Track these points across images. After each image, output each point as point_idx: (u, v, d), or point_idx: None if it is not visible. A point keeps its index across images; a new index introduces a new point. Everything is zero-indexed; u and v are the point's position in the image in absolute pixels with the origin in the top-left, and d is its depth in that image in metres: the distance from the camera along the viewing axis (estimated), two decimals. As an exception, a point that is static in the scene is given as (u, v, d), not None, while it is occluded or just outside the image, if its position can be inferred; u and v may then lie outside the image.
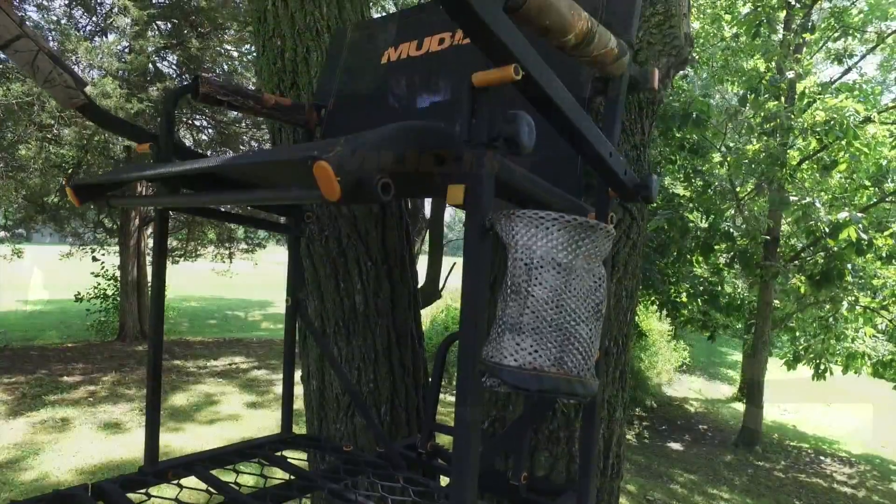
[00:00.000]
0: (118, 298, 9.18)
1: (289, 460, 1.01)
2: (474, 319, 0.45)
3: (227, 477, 0.95)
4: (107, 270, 9.68)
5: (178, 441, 4.62)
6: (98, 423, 4.90)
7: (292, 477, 0.95)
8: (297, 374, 1.45)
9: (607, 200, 0.71)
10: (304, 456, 1.25)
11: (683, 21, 1.19)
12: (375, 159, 0.43)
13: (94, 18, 7.58)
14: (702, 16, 10.72)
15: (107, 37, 7.40)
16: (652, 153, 8.24)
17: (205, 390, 6.24)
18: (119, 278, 9.04)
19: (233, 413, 5.55)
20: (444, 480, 1.15)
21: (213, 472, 0.94)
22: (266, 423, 5.28)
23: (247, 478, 0.97)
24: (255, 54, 8.85)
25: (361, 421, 1.30)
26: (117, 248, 9.26)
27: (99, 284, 9.60)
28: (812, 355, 7.83)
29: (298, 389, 1.53)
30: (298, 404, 1.65)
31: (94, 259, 9.56)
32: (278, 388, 6.61)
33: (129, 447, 4.40)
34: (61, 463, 3.98)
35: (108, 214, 9.47)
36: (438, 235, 8.35)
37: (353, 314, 1.30)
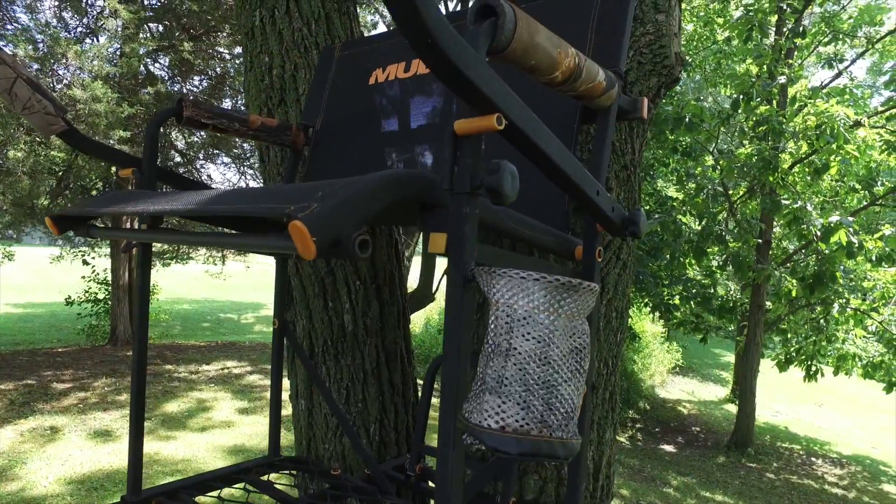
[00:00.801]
0: (109, 302, 9.11)
1: (275, 486, 1.00)
2: (456, 376, 0.44)
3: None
4: (98, 274, 9.61)
5: (170, 450, 4.58)
6: (88, 430, 4.85)
7: (278, 503, 0.93)
8: (286, 393, 1.44)
9: (596, 235, 0.70)
10: (291, 480, 1.24)
11: (674, 41, 1.19)
12: (355, 216, 0.42)
13: (84, 20, 7.52)
14: (695, 19, 10.79)
15: (97, 39, 7.35)
16: (645, 156, 8.30)
17: (197, 396, 6.19)
18: (110, 282, 8.97)
19: (225, 420, 5.52)
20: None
21: (199, 498, 0.93)
22: (258, 429, 5.25)
23: (232, 505, 0.96)
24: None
25: (350, 442, 1.29)
26: (108, 251, 9.19)
27: (90, 288, 9.53)
28: (803, 357, 7.89)
29: (287, 408, 1.51)
30: (287, 417, 1.63)
31: (85, 263, 9.48)
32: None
33: (119, 455, 4.35)
34: (49, 472, 3.94)
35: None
36: (432, 238, 8.32)
37: (341, 334, 1.29)
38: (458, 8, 11.29)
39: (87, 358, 7.67)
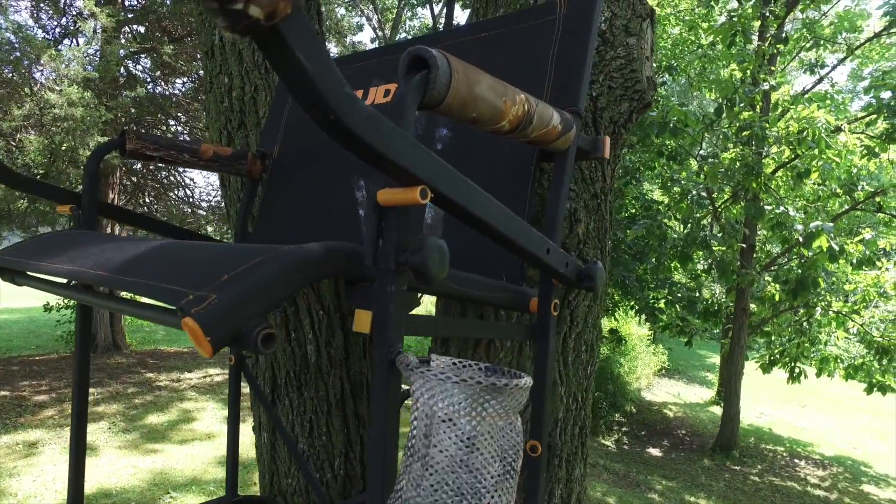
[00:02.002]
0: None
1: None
2: (380, 475, 0.40)
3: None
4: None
5: (152, 464, 4.49)
6: (65, 443, 4.75)
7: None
8: (250, 426, 1.39)
9: (551, 288, 0.66)
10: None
11: (646, 64, 1.15)
12: (257, 307, 0.38)
13: (63, 21, 7.37)
14: (680, 23, 10.86)
15: (77, 42, 7.21)
16: (631, 159, 8.33)
17: (180, 406, 6.09)
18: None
19: (209, 431, 5.43)
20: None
21: None
22: (243, 439, 5.15)
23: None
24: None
25: (315, 475, 1.25)
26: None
27: (69, 294, 9.35)
28: (787, 359, 7.97)
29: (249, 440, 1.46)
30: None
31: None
32: (253, 402, 6.51)
33: (98, 471, 4.26)
34: (20, 488, 3.84)
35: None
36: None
37: (304, 365, 1.24)
38: (444, 13, 11.25)
39: (66, 367, 7.52)
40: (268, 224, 1.07)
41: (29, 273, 0.71)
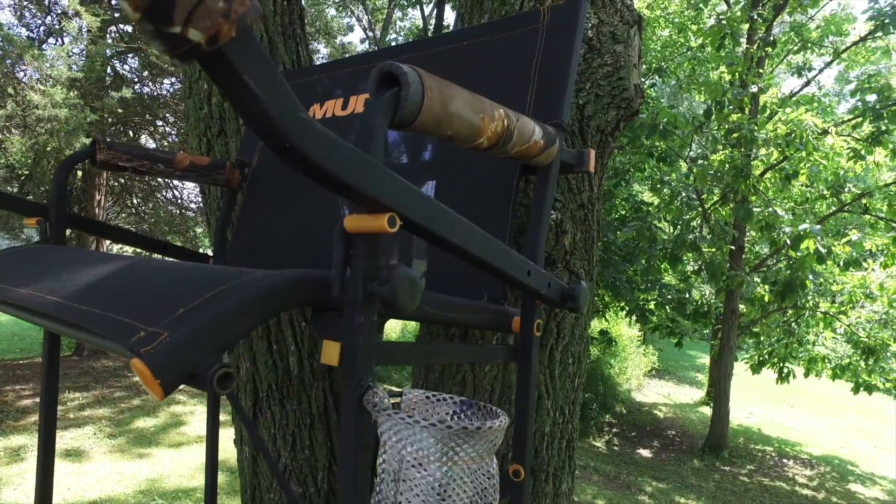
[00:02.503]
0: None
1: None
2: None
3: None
4: (63, 282, 9.32)
5: (139, 470, 4.43)
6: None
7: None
8: (231, 440, 1.36)
9: (533, 308, 0.64)
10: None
11: (633, 72, 1.14)
12: (212, 345, 0.36)
13: (47, 20, 7.27)
14: (670, 25, 10.92)
15: (61, 41, 7.11)
16: (621, 160, 8.36)
17: (168, 410, 6.02)
18: (76, 290, 8.70)
19: (199, 435, 5.36)
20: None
21: None
22: (230, 444, 5.12)
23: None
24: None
25: (297, 490, 1.22)
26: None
27: (54, 297, 9.24)
28: (776, 359, 8.03)
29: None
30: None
31: None
32: (242, 406, 6.44)
33: (85, 478, 4.19)
34: (1, 496, 3.77)
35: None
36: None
37: (286, 377, 1.21)
38: (434, 18, 11.23)
39: (51, 370, 7.41)
40: (246, 235, 1.04)
41: None
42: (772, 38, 7.51)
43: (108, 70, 7.31)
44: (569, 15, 0.74)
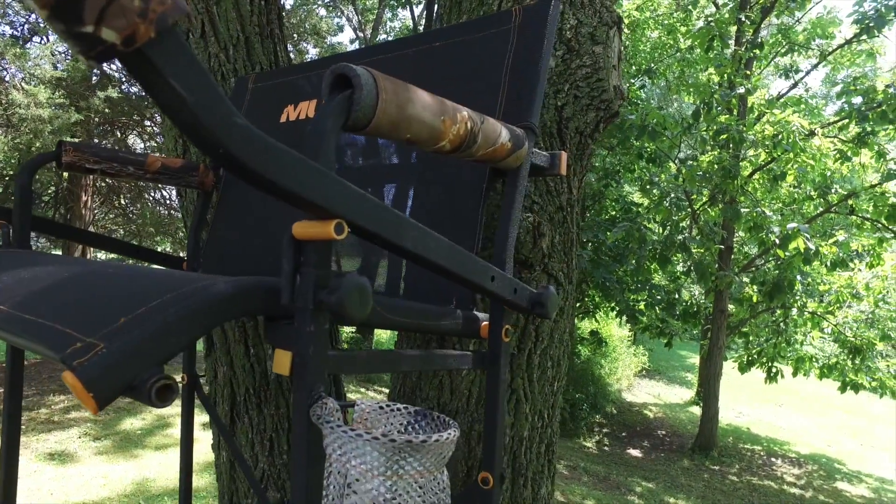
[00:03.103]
0: (61, 313, 8.73)
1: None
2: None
3: None
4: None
5: (125, 473, 4.38)
6: (34, 453, 4.61)
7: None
8: (209, 443, 1.34)
9: (501, 313, 0.63)
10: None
11: (613, 73, 1.13)
12: (150, 358, 0.34)
13: (32, 17, 7.18)
14: (659, 27, 10.98)
15: (45, 39, 7.03)
16: (611, 161, 8.39)
17: (155, 412, 5.96)
18: (62, 292, 8.60)
19: (183, 436, 5.31)
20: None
21: None
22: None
23: None
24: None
25: (274, 495, 1.20)
26: (58, 252, 8.82)
27: (40, 298, 9.12)
28: (764, 359, 8.09)
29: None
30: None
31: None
32: (230, 408, 6.39)
33: (69, 480, 4.14)
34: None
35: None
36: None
37: (264, 381, 1.20)
38: (423, 18, 11.22)
39: (36, 374, 7.32)
40: (219, 239, 1.03)
41: None
42: (759, 41, 7.56)
43: (94, 69, 7.24)
44: (540, 15, 0.73)
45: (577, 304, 8.23)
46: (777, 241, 6.68)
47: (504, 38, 0.75)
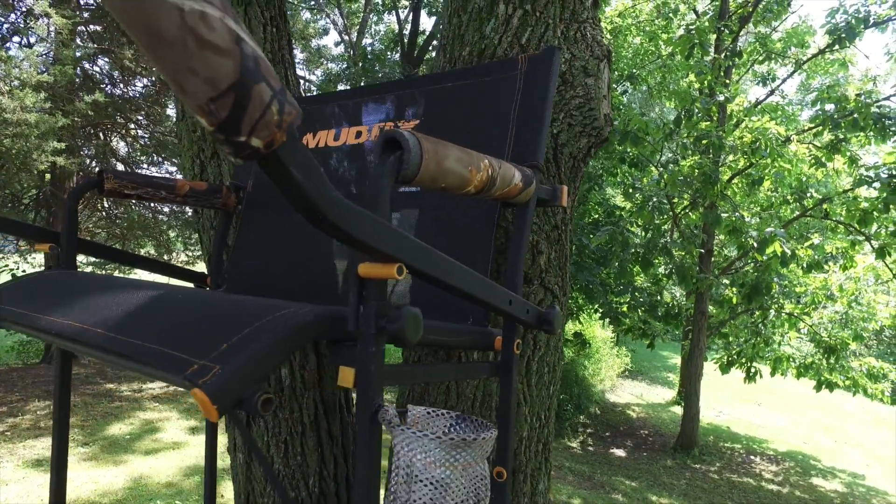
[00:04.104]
0: (44, 318, 8.60)
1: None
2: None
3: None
4: (31, 287, 9.07)
5: (114, 478, 4.38)
6: (19, 460, 4.59)
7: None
8: (223, 447, 1.41)
9: (514, 329, 0.73)
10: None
11: (603, 102, 1.23)
12: (257, 375, 0.43)
13: (10, 17, 7.10)
14: (641, 33, 11.18)
15: (26, 39, 6.96)
16: (594, 165, 8.53)
17: (142, 417, 5.94)
18: (45, 296, 8.48)
19: (175, 441, 5.32)
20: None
21: None
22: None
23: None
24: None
25: (290, 494, 1.28)
26: (42, 261, 8.71)
27: (22, 303, 8.98)
28: (744, 359, 8.26)
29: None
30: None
31: (15, 277, 8.92)
32: (218, 413, 6.38)
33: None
34: (-25, 509, 3.70)
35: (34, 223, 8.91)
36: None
37: (279, 387, 1.27)
38: (408, 23, 11.29)
39: (18, 379, 7.23)
40: (242, 257, 1.10)
41: (7, 321, 0.73)
42: (738, 49, 7.78)
43: (77, 71, 7.19)
44: (544, 64, 0.83)
45: (562, 307, 8.33)
46: (755, 245, 6.85)
47: (511, 84, 0.85)
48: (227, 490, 4.09)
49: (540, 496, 1.19)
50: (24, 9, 7.02)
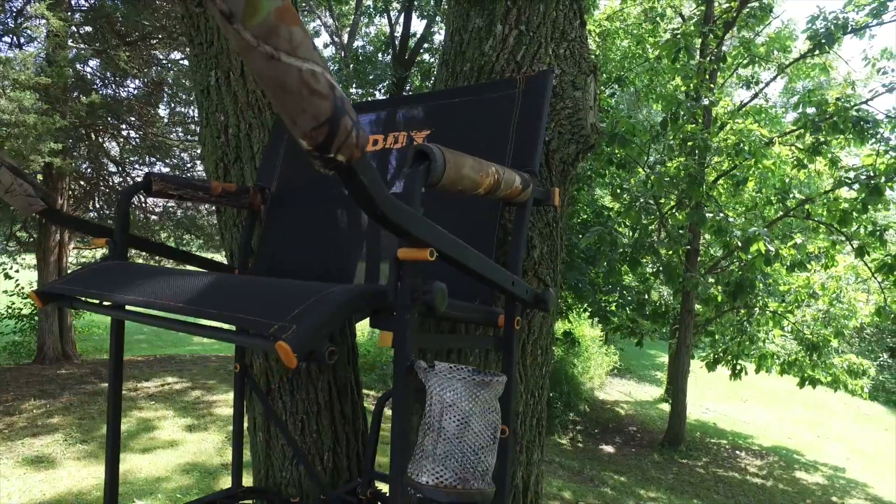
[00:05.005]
0: (36, 318, 8.63)
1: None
2: (402, 446, 0.58)
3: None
4: (22, 288, 9.07)
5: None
6: (17, 458, 4.64)
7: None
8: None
9: (514, 308, 0.86)
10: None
11: (590, 113, 1.37)
12: (324, 333, 0.55)
13: (1, 17, 7.12)
14: (629, 36, 11.37)
15: (15, 39, 6.99)
16: (583, 166, 8.68)
17: (139, 415, 6.00)
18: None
19: (171, 439, 5.39)
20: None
21: None
22: (205, 446, 5.17)
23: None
24: (187, 66, 8.60)
25: (306, 469, 1.40)
26: (34, 263, 8.71)
27: (14, 303, 8.97)
28: (729, 357, 8.45)
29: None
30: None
31: (7, 277, 8.92)
32: (216, 410, 6.46)
33: (55, 484, 4.20)
34: (-22, 504, 3.77)
35: (23, 227, 8.92)
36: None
37: (296, 370, 1.40)
38: (399, 25, 11.38)
39: (12, 379, 7.25)
40: (269, 251, 1.23)
41: (82, 301, 0.85)
42: (723, 53, 7.98)
43: (69, 72, 7.22)
44: (540, 84, 0.97)
45: (552, 305, 8.47)
46: (740, 244, 7.02)
47: (511, 100, 0.98)
48: (248, 453, 4.17)
49: (535, 465, 1.33)
50: (14, 9, 7.05)
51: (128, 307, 0.75)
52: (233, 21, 0.37)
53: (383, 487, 1.40)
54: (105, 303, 0.78)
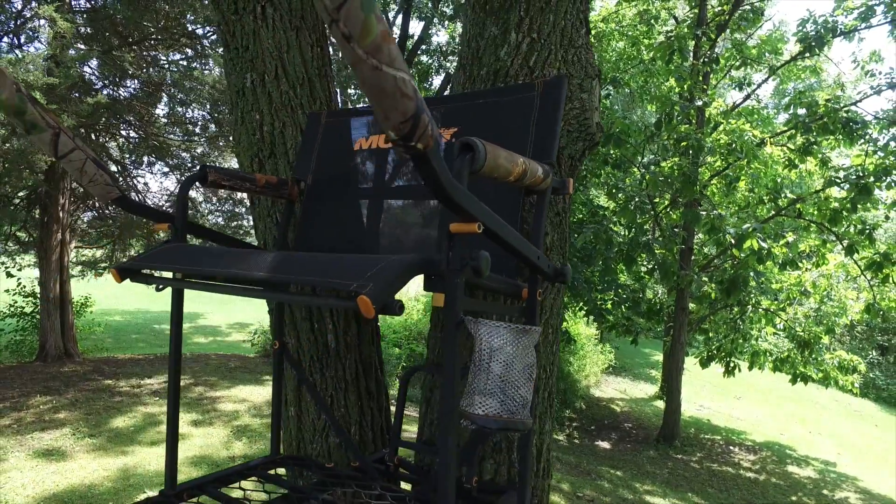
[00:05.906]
0: (38, 316, 8.69)
1: (282, 478, 1.23)
2: (453, 384, 0.70)
3: (235, 494, 1.15)
4: (23, 286, 9.13)
5: (124, 465, 4.55)
6: (29, 451, 4.73)
7: (289, 492, 1.16)
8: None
9: (537, 281, 0.99)
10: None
11: (595, 113, 1.50)
12: (395, 290, 0.68)
13: (2, 17, 7.19)
14: (624, 37, 11.53)
15: (16, 39, 7.06)
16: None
17: (144, 411, 6.09)
18: (39, 295, 8.56)
19: (181, 432, 5.48)
20: (407, 486, 1.40)
21: (223, 490, 1.14)
22: (211, 440, 5.27)
23: (251, 494, 1.17)
24: (189, 67, 8.69)
25: (334, 441, 1.52)
26: (35, 261, 8.77)
27: (16, 302, 9.03)
28: (723, 354, 8.57)
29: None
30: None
31: (9, 275, 8.98)
32: (220, 405, 6.56)
33: (67, 475, 4.30)
34: (-7, 494, 3.86)
35: (23, 227, 8.97)
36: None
37: (325, 350, 1.52)
38: (400, 24, 11.50)
39: (16, 376, 7.32)
40: (306, 237, 1.35)
41: (154, 280, 0.97)
42: (716, 55, 8.13)
43: (75, 72, 7.29)
44: (555, 87, 1.10)
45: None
46: (733, 242, 7.14)
47: (530, 102, 1.11)
48: (253, 446, 4.29)
49: (546, 434, 1.46)
50: (14, 10, 7.12)
51: (207, 280, 0.87)
52: (350, 41, 0.49)
53: (407, 454, 1.52)
54: (189, 278, 0.90)
